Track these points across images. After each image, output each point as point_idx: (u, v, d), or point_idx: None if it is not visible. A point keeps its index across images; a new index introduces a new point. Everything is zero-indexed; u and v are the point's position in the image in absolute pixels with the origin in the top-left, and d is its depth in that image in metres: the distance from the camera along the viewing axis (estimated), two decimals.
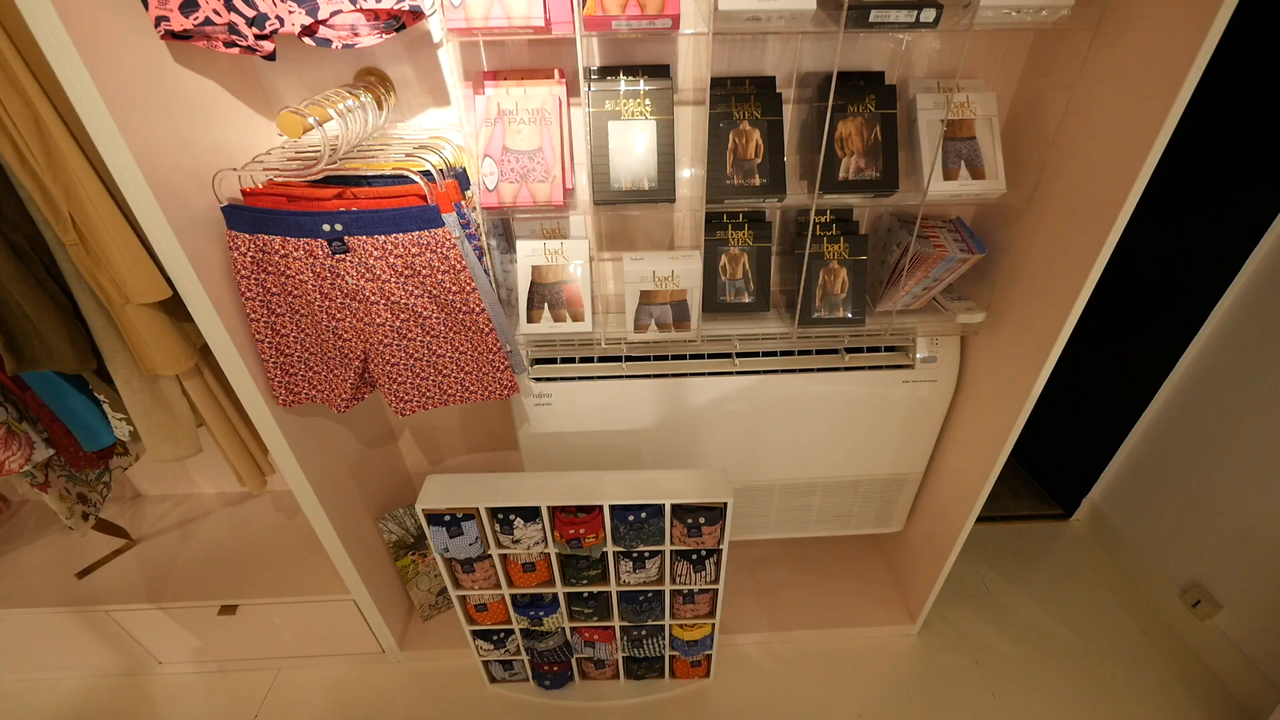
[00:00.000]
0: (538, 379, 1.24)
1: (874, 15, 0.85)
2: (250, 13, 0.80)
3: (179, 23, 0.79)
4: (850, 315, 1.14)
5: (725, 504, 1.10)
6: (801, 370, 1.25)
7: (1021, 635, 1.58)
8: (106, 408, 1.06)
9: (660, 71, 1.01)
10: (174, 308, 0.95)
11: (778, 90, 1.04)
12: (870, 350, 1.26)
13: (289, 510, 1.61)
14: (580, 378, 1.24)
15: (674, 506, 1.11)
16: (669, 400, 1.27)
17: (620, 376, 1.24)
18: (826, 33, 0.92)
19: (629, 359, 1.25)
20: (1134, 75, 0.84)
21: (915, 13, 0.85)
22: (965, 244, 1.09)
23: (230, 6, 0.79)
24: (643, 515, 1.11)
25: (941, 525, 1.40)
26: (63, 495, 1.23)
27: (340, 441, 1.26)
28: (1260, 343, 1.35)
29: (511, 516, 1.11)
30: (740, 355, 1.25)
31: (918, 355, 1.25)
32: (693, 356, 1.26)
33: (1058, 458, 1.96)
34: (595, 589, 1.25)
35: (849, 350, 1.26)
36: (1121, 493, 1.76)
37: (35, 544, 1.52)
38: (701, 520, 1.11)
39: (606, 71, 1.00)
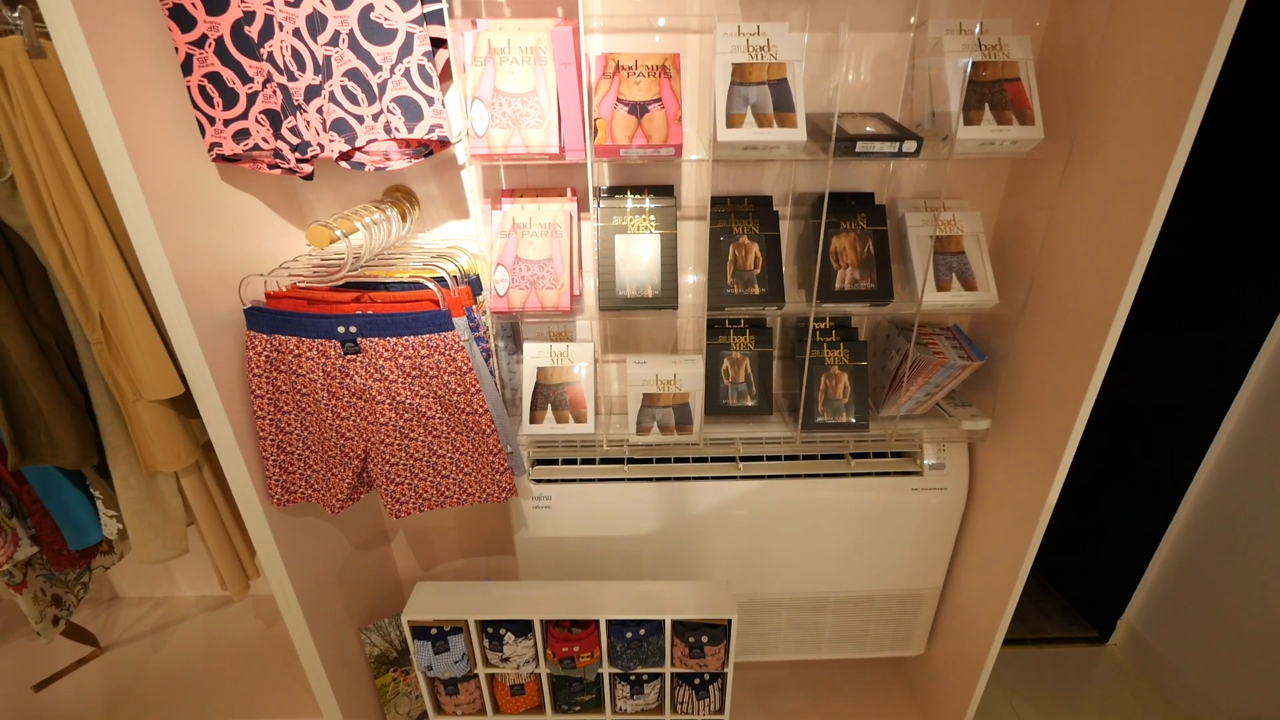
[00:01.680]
0: (538, 480, 1.22)
1: (860, 146, 0.93)
2: (295, 140, 0.89)
3: (230, 148, 0.88)
4: (854, 420, 1.13)
5: (730, 621, 1.03)
6: (807, 475, 1.22)
7: None
8: (100, 504, 1.05)
9: (665, 191, 1.09)
10: (183, 404, 0.97)
11: (774, 208, 1.12)
12: (877, 456, 1.24)
13: (268, 617, 1.52)
14: (581, 480, 1.22)
15: (675, 623, 1.04)
16: (671, 505, 1.23)
17: (622, 479, 1.22)
18: (818, 160, 1.01)
19: (631, 461, 1.23)
20: (1108, 198, 0.90)
21: (897, 144, 0.93)
22: (964, 351, 1.11)
23: (278, 135, 0.89)
24: (641, 632, 1.04)
25: (966, 648, 1.29)
26: (37, 597, 1.17)
27: (331, 543, 1.21)
28: None
29: (502, 631, 1.04)
30: (744, 459, 1.23)
31: (925, 462, 1.22)
32: (695, 460, 1.24)
33: (1086, 574, 1.85)
34: (589, 717, 1.14)
35: (855, 455, 1.24)
36: (1159, 614, 1.64)
37: None
38: (704, 639, 1.04)
39: (615, 190, 1.08)
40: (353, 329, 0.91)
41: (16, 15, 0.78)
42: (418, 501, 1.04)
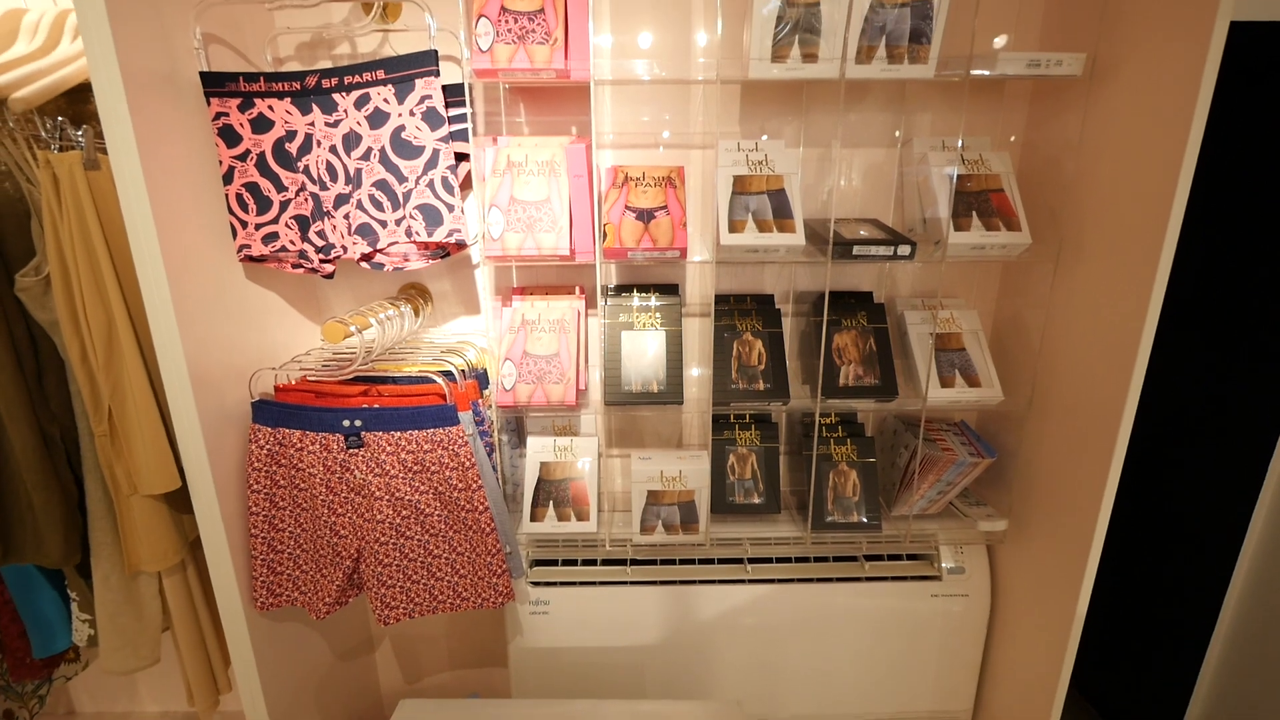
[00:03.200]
0: (535, 583, 1.16)
1: (857, 250, 0.98)
2: (320, 242, 0.94)
3: (258, 249, 0.93)
4: (865, 520, 1.09)
5: None
6: (819, 580, 1.16)
7: None
8: (74, 607, 0.99)
9: (670, 289, 1.13)
10: (176, 500, 0.95)
11: (776, 306, 1.15)
12: (891, 558, 1.19)
13: None
14: (582, 583, 1.16)
15: None
16: (676, 611, 1.16)
17: (624, 582, 1.16)
18: (817, 262, 1.05)
19: (634, 563, 1.18)
20: (1101, 297, 0.93)
21: (892, 249, 0.98)
22: (973, 448, 1.09)
23: (304, 237, 0.94)
24: None
25: None
26: None
27: (311, 652, 1.13)
28: None
29: None
30: (752, 561, 1.18)
31: (943, 565, 1.16)
32: (702, 562, 1.19)
33: (1130, 693, 1.69)
34: None
35: (868, 558, 1.18)
36: None
37: None
38: None
39: (622, 289, 1.12)
40: (357, 423, 0.90)
41: (80, 133, 0.86)
42: (409, 606, 0.98)
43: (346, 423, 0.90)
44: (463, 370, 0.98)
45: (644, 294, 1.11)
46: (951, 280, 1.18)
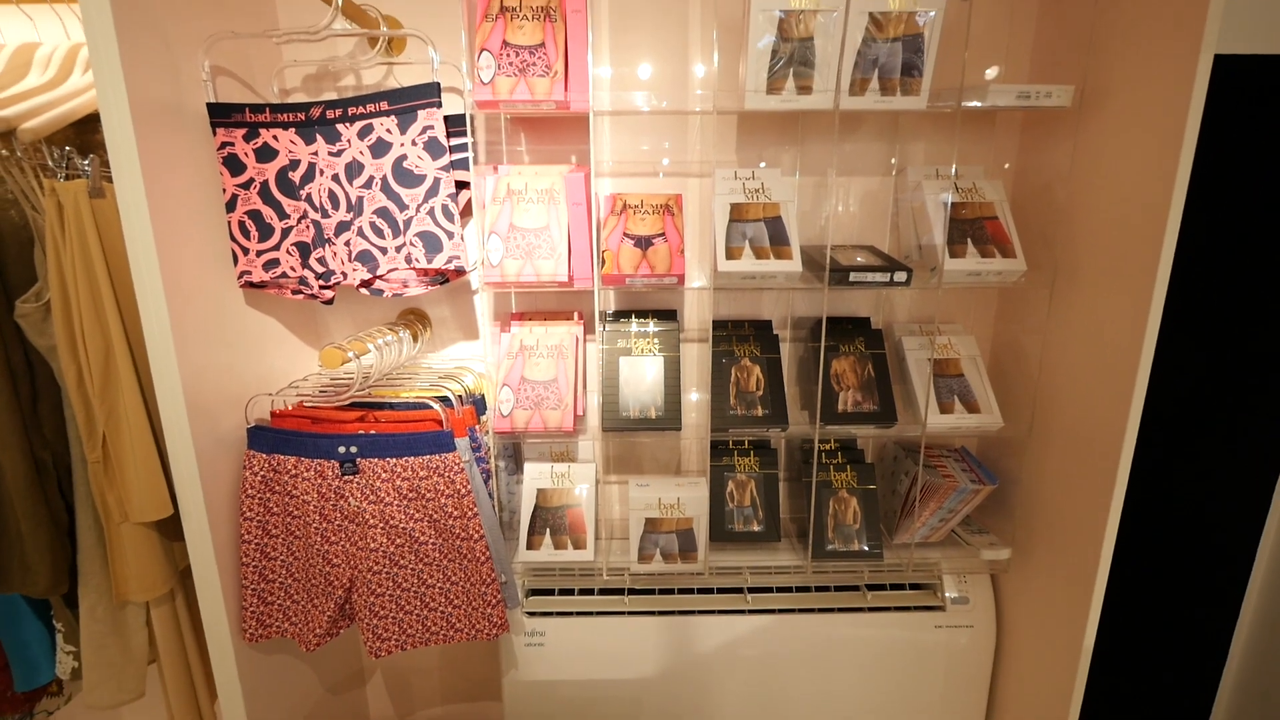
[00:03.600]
0: (531, 613, 1.14)
1: (853, 276, 0.98)
2: (320, 269, 0.94)
3: (259, 276, 0.93)
4: (866, 548, 1.08)
5: None
6: (820, 610, 1.14)
7: None
8: (60, 638, 0.97)
9: (668, 315, 1.13)
10: (167, 528, 0.94)
11: (774, 331, 1.15)
12: (894, 588, 1.17)
13: None
14: (578, 613, 1.14)
15: None
16: (675, 643, 1.13)
17: (622, 612, 1.13)
18: (814, 288, 1.06)
19: (632, 592, 1.16)
20: (1098, 323, 0.93)
21: (889, 275, 0.98)
22: (974, 474, 1.08)
23: (305, 264, 0.94)
24: None
25: None
26: None
27: (300, 685, 1.10)
28: None
29: None
30: (752, 590, 1.16)
31: (947, 595, 1.14)
32: (701, 591, 1.16)
33: None
34: None
35: (870, 588, 1.16)
36: None
37: None
38: None
39: (620, 314, 1.13)
40: (353, 449, 0.90)
41: (87, 163, 0.87)
42: (401, 638, 0.96)
43: (342, 449, 0.89)
44: (460, 396, 0.98)
45: (642, 320, 1.11)
46: (948, 306, 1.19)
